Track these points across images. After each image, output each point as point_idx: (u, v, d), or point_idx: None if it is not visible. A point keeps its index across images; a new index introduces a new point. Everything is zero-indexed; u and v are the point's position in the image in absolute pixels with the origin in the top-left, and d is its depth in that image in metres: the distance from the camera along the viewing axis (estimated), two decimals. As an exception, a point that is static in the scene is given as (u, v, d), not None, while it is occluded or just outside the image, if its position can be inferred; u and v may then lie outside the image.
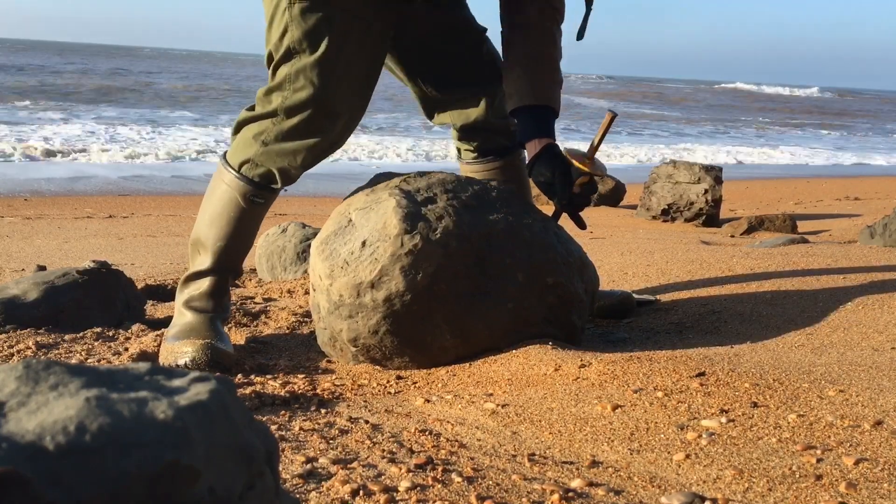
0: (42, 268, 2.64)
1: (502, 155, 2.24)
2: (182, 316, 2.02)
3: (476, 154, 2.24)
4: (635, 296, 2.43)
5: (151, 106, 16.95)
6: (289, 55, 1.93)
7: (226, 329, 2.25)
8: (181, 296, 2.07)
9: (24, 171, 8.59)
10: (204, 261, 2.05)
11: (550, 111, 2.01)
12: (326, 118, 1.95)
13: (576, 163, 1.96)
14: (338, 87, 1.94)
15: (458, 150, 2.29)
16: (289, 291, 2.70)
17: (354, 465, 1.28)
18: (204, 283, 2.05)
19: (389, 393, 1.73)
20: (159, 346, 1.99)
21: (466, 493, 1.17)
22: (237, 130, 2.05)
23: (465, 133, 2.22)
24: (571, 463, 1.29)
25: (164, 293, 2.80)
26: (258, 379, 1.81)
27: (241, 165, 2.00)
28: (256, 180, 2.00)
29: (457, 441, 1.39)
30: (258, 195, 2.01)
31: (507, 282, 1.85)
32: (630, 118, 21.54)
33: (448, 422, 1.49)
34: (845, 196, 7.86)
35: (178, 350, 1.89)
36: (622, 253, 3.29)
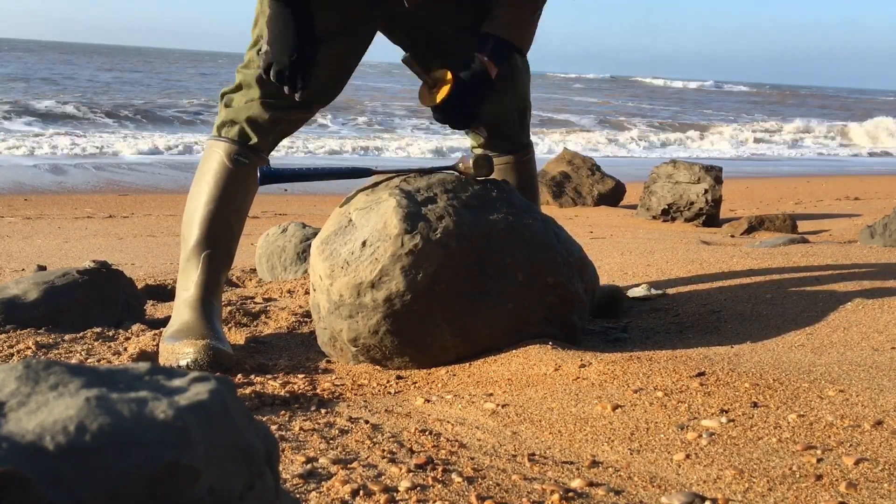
0: (42, 268, 2.64)
1: (509, 153, 2.29)
2: (179, 314, 2.03)
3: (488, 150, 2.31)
4: (643, 290, 2.44)
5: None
6: (257, 42, 2.11)
7: (226, 329, 2.25)
8: (178, 291, 2.08)
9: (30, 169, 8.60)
10: (193, 232, 2.08)
11: (513, 47, 2.06)
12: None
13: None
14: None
15: (472, 146, 2.36)
16: (289, 291, 2.70)
17: (354, 465, 1.28)
18: (194, 271, 2.06)
19: (389, 393, 1.73)
20: (158, 345, 1.99)
21: (466, 493, 1.17)
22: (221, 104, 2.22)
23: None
24: (571, 463, 1.29)
25: (164, 293, 2.80)
26: (258, 379, 1.81)
27: (220, 129, 2.14)
28: (236, 139, 2.10)
29: (457, 441, 1.39)
30: (241, 154, 2.09)
31: (508, 281, 1.85)
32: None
33: (448, 422, 1.49)
34: (845, 196, 7.86)
35: (179, 351, 1.89)
36: (622, 253, 3.30)
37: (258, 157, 2.11)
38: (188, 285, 2.05)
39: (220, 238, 2.08)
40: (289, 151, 11.28)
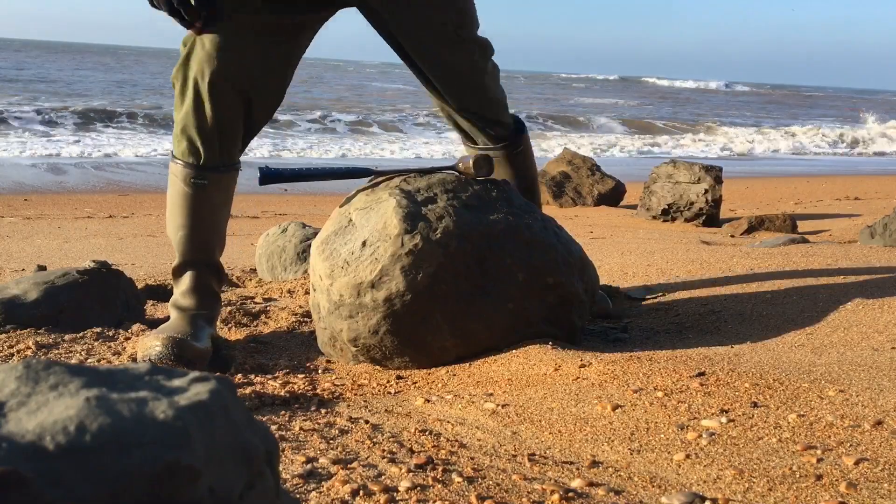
0: (42, 268, 2.64)
1: (501, 145, 2.21)
2: (170, 315, 2.06)
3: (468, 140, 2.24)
4: (643, 293, 2.44)
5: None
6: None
7: (225, 329, 2.25)
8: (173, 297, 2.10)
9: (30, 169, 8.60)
10: (175, 254, 2.08)
11: None
12: (192, 91, 1.96)
13: None
14: (204, 73, 1.94)
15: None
16: (289, 291, 2.70)
17: (354, 465, 1.28)
18: (182, 281, 2.07)
19: (389, 393, 1.73)
20: None
21: (466, 493, 1.17)
22: None
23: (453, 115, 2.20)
24: (571, 463, 1.29)
25: (164, 293, 2.80)
26: (258, 379, 1.81)
27: (173, 145, 2.03)
28: (187, 160, 1.99)
29: (457, 441, 1.39)
30: (197, 176, 1.99)
31: (508, 282, 1.85)
32: None
33: (448, 422, 1.49)
34: (845, 196, 7.86)
35: (148, 344, 1.91)
36: (622, 253, 3.30)
37: (216, 173, 2.00)
38: (178, 294, 2.07)
39: (200, 256, 2.06)
40: (287, 152, 11.28)
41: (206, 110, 1.94)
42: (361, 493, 1.17)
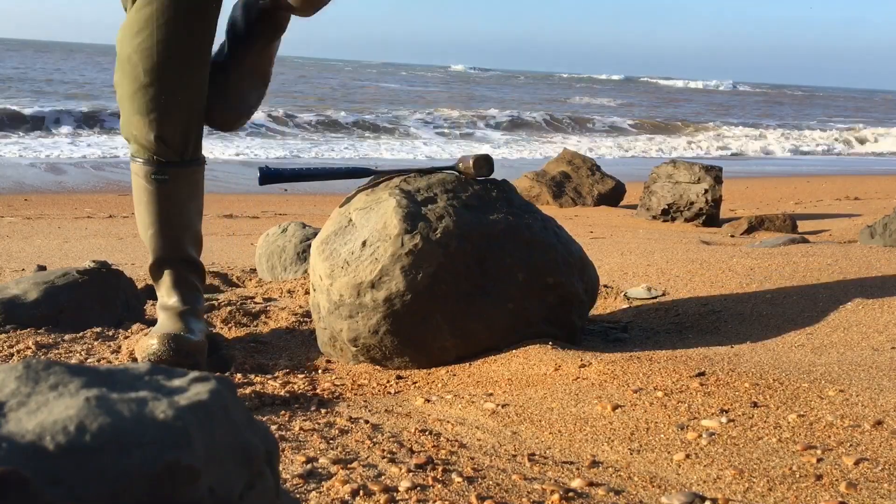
0: (42, 268, 2.64)
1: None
2: (158, 318, 2.05)
3: None
4: (643, 291, 2.44)
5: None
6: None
7: (225, 329, 2.25)
8: (158, 296, 2.08)
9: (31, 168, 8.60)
10: (149, 254, 2.05)
11: None
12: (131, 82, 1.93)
13: None
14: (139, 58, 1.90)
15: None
16: (289, 291, 2.70)
17: (354, 465, 1.28)
18: (162, 281, 2.05)
19: (389, 393, 1.73)
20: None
21: (466, 493, 1.17)
22: None
23: None
24: (571, 463, 1.29)
25: (164, 293, 2.80)
26: (258, 379, 1.81)
27: (131, 148, 2.00)
28: (144, 156, 1.96)
29: (457, 441, 1.39)
30: (157, 172, 1.96)
31: (508, 282, 1.85)
32: None
33: (448, 422, 1.49)
34: (845, 196, 7.86)
35: (146, 344, 1.90)
36: (622, 253, 3.29)
37: (175, 167, 1.97)
38: (162, 294, 2.06)
39: (173, 252, 2.03)
40: (288, 152, 11.28)
41: (150, 114, 1.91)
42: (361, 493, 1.17)
